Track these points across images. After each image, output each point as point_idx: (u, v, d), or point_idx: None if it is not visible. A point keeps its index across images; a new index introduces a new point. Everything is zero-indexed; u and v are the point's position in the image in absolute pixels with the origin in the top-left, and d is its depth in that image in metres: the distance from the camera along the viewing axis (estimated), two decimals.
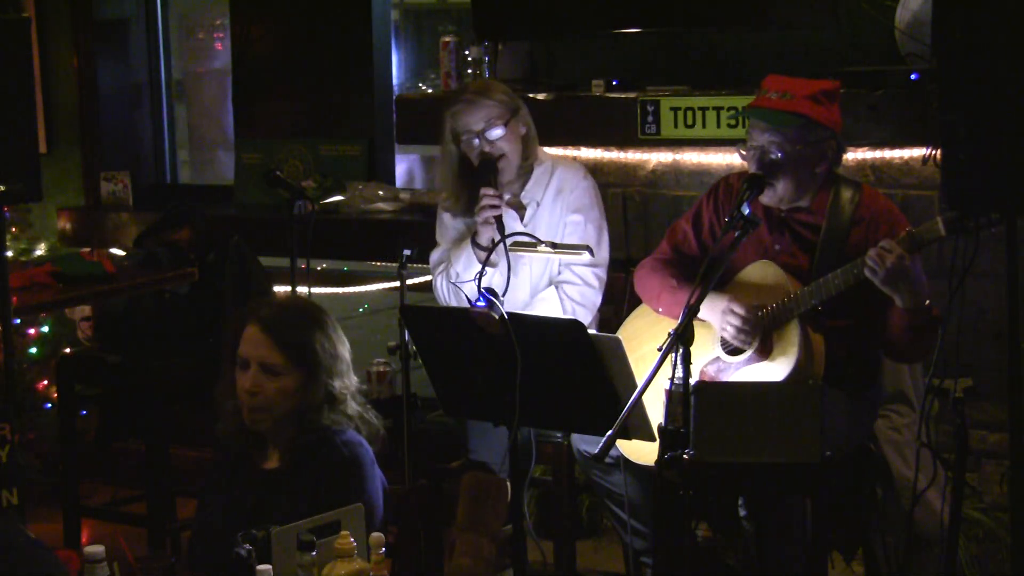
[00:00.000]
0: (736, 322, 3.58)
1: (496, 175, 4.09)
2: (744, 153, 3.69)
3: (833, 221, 3.65)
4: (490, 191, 4.03)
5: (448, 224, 4.31)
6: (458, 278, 4.12)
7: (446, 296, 4.21)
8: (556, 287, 4.17)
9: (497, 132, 4.10)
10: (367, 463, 3.15)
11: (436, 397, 3.49)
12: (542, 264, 4.19)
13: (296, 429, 3.18)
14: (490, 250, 3.93)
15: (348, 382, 3.22)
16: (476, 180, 4.10)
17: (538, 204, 4.19)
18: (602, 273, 4.18)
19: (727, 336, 3.62)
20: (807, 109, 3.59)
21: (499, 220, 3.99)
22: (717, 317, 3.62)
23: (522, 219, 4.19)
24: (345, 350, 3.24)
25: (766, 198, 3.65)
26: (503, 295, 3.97)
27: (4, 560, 2.50)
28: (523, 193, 4.20)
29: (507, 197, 4.12)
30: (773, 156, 3.61)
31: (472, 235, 4.13)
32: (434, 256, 4.31)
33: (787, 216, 3.72)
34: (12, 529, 2.63)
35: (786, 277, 3.61)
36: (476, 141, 4.10)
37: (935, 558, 3.84)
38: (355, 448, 3.15)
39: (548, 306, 4.14)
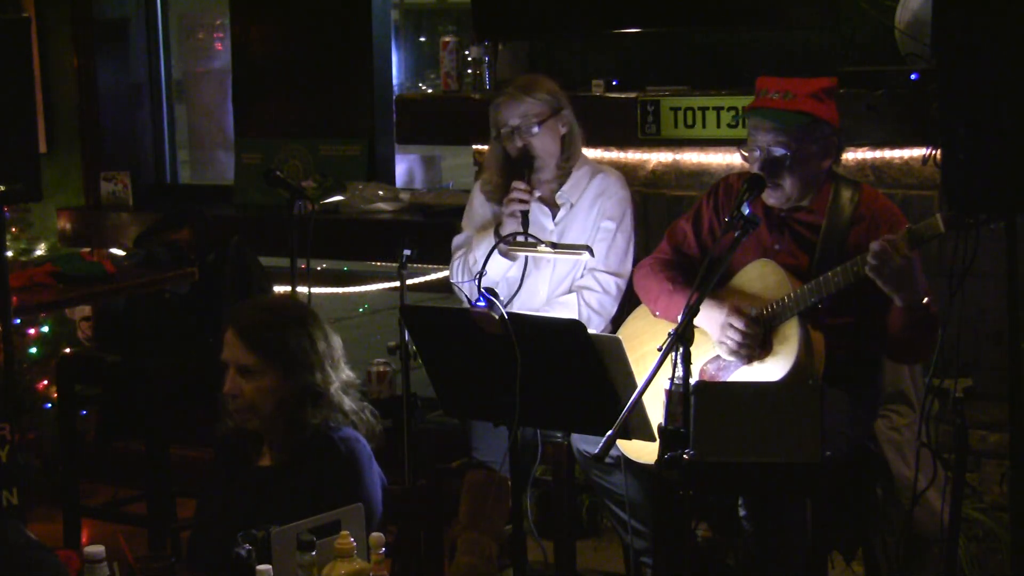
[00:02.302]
0: (737, 337, 3.56)
1: (531, 171, 4.14)
2: (746, 154, 3.69)
3: (833, 220, 3.64)
4: (521, 185, 4.09)
5: (478, 210, 4.34)
6: (475, 264, 4.16)
7: (460, 280, 4.24)
8: (577, 292, 4.18)
9: (533, 130, 4.14)
10: (364, 459, 3.15)
11: (436, 397, 3.48)
12: (567, 266, 4.20)
13: (287, 426, 3.18)
14: (498, 241, 3.95)
15: (333, 376, 3.20)
16: (512, 171, 4.16)
17: (572, 205, 4.21)
18: (623, 284, 4.20)
19: (724, 353, 3.61)
20: (812, 107, 3.59)
21: (525, 216, 4.05)
22: (716, 331, 3.61)
23: (554, 218, 4.21)
24: (329, 345, 3.21)
25: (773, 199, 3.65)
26: (518, 289, 4.01)
27: (4, 562, 2.50)
28: (559, 193, 4.23)
29: (538, 194, 4.16)
30: (779, 155, 3.60)
31: (496, 225, 4.16)
32: (456, 240, 4.35)
33: (787, 215, 3.71)
34: (13, 530, 2.63)
35: (786, 276, 3.61)
36: (514, 135, 4.16)
37: (935, 558, 3.84)
38: (352, 444, 3.15)
39: (567, 310, 4.16)
